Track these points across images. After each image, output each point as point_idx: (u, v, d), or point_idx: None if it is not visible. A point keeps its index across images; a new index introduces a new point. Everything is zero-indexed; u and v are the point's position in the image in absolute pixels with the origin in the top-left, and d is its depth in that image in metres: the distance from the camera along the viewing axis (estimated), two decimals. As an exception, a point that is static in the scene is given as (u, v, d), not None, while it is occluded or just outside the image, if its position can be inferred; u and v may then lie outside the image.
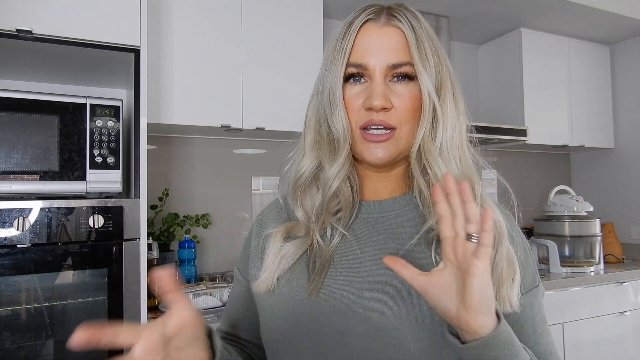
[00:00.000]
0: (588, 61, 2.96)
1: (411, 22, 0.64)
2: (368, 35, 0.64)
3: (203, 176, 2.22)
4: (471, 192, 0.51)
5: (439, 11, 2.52)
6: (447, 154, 0.64)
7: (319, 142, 0.68)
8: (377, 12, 0.65)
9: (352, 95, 0.64)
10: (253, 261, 0.72)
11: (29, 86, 1.76)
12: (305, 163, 0.69)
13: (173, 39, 1.86)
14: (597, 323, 2.30)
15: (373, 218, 0.68)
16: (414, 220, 0.66)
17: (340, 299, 0.62)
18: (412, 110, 0.63)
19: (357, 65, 0.64)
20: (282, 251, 0.66)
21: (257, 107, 1.99)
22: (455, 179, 0.55)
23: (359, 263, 0.64)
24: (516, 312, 0.61)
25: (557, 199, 2.59)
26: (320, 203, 0.67)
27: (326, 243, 0.66)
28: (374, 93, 0.62)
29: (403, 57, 0.63)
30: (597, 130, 2.96)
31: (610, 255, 2.68)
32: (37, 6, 1.39)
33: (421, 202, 0.66)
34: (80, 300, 1.37)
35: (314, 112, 0.69)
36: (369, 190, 0.71)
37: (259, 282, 0.66)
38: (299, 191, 0.69)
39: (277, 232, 0.68)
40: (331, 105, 0.65)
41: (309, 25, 2.12)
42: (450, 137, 0.64)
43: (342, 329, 0.61)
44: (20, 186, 1.36)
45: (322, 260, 0.64)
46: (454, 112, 0.65)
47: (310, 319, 0.63)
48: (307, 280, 0.64)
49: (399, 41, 0.63)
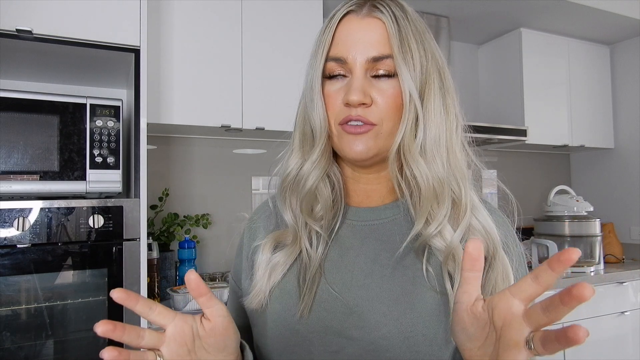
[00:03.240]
0: (588, 61, 2.96)
1: (394, 12, 0.60)
2: (348, 28, 0.61)
3: (203, 176, 2.22)
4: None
5: (439, 11, 2.52)
6: (430, 154, 0.60)
7: (304, 141, 0.66)
8: (360, 4, 0.62)
9: (332, 91, 0.61)
10: (245, 273, 0.71)
11: (29, 86, 1.76)
12: (292, 162, 0.66)
13: (173, 39, 1.86)
14: (597, 323, 2.30)
15: (365, 226, 0.65)
16: (406, 228, 0.63)
17: (333, 317, 0.60)
18: (394, 107, 0.60)
19: (336, 59, 0.61)
20: (272, 261, 0.63)
21: (257, 107, 1.99)
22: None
23: (350, 276, 0.62)
24: None
25: (557, 199, 2.59)
26: (297, 202, 0.64)
27: (314, 249, 0.63)
28: (352, 88, 0.59)
29: (384, 50, 0.59)
30: (597, 130, 2.96)
31: (610, 255, 2.68)
32: (37, 6, 1.39)
33: (410, 207, 0.62)
34: (80, 300, 1.37)
35: (301, 110, 0.67)
36: (359, 194, 0.68)
37: (250, 298, 0.64)
38: (287, 192, 0.66)
39: (266, 244, 0.65)
40: (311, 101, 0.62)
41: (309, 26, 2.12)
42: (436, 136, 0.60)
43: (334, 347, 0.59)
44: (20, 186, 1.36)
45: (312, 272, 0.62)
46: (441, 108, 0.61)
47: (302, 338, 0.60)
48: (298, 295, 0.61)
49: (381, 33, 0.60)
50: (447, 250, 0.58)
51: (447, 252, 0.58)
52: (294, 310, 0.61)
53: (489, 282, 0.58)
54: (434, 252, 0.60)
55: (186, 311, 1.59)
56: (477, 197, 0.64)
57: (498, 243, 0.60)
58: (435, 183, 0.59)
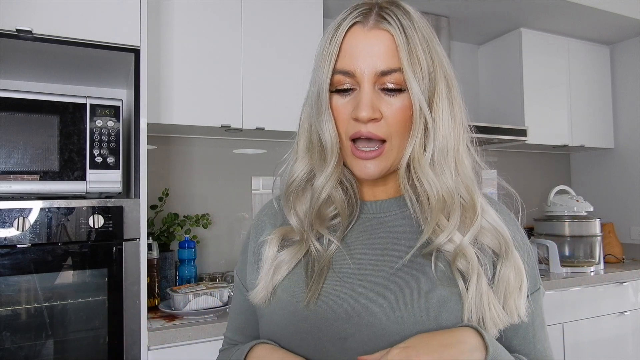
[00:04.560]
0: (588, 61, 2.96)
1: (402, 22, 0.60)
2: (355, 40, 0.60)
3: (203, 176, 2.22)
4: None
5: (439, 11, 2.52)
6: (439, 165, 0.61)
7: (311, 149, 0.66)
8: (366, 14, 0.61)
9: (340, 105, 0.61)
10: (250, 267, 0.71)
11: (29, 86, 1.76)
12: (298, 168, 0.67)
13: (173, 39, 1.86)
14: (597, 323, 2.30)
15: (373, 218, 0.67)
16: (412, 221, 0.65)
17: (341, 304, 0.60)
18: (402, 121, 0.60)
19: (344, 72, 0.60)
20: (278, 259, 0.64)
21: (257, 107, 1.99)
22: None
23: (358, 266, 0.63)
24: (523, 321, 0.61)
25: (557, 199, 2.59)
26: (311, 212, 0.65)
27: (324, 248, 0.64)
28: (361, 103, 0.59)
29: (392, 63, 0.59)
30: (597, 130, 2.96)
31: (610, 255, 2.68)
32: (37, 6, 1.39)
33: (418, 213, 0.63)
34: (80, 300, 1.37)
35: (306, 117, 0.67)
36: (367, 193, 0.69)
37: (255, 293, 0.65)
38: (292, 196, 0.67)
39: (272, 239, 0.66)
40: (319, 114, 0.62)
41: (309, 26, 2.12)
42: (444, 146, 0.61)
43: (343, 334, 0.59)
44: (20, 186, 1.36)
45: (320, 265, 0.63)
46: (449, 118, 0.61)
47: (310, 325, 0.61)
48: (306, 285, 0.62)
49: (388, 45, 0.59)
50: (457, 251, 0.59)
51: (456, 252, 0.59)
52: (302, 298, 0.62)
53: (503, 279, 0.60)
54: (443, 252, 0.61)
55: (186, 311, 1.59)
56: (484, 197, 0.65)
57: (510, 240, 0.61)
58: (445, 194, 0.60)
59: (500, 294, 0.60)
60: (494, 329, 0.58)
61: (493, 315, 0.58)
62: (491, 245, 0.62)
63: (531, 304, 0.63)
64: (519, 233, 0.66)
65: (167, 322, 1.57)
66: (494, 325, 0.58)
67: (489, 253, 0.62)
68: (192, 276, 1.95)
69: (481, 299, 0.58)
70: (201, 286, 1.70)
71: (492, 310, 0.58)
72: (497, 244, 0.61)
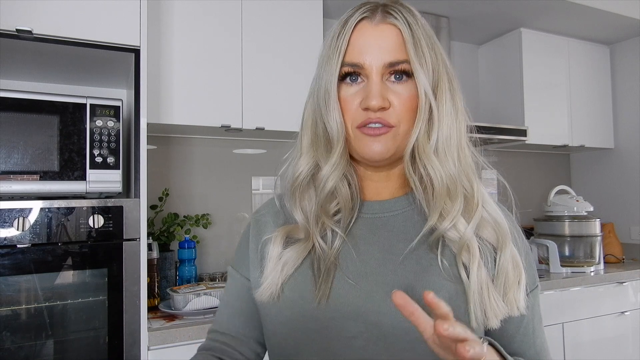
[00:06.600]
0: (588, 61, 2.96)
1: (407, 18, 0.62)
2: (363, 34, 0.63)
3: (203, 176, 2.22)
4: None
5: (439, 11, 2.52)
6: (443, 153, 0.62)
7: (316, 143, 0.67)
8: (372, 10, 0.64)
9: (348, 96, 0.63)
10: (253, 265, 0.71)
11: (29, 86, 1.76)
12: (302, 163, 0.67)
13: (173, 39, 1.86)
14: (597, 323, 2.30)
15: (377, 218, 0.67)
16: (417, 220, 0.65)
17: (350, 304, 0.61)
18: (410, 109, 0.62)
19: (352, 64, 0.62)
20: (283, 258, 0.65)
21: (257, 107, 1.99)
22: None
23: (365, 265, 0.63)
24: (522, 315, 0.62)
25: (557, 199, 2.59)
26: (316, 203, 0.66)
27: (328, 246, 0.64)
28: (371, 93, 0.60)
29: (400, 55, 0.61)
30: (597, 130, 2.96)
31: (610, 255, 2.68)
32: (37, 6, 1.39)
33: (422, 202, 0.64)
34: (80, 300, 1.37)
35: (310, 113, 0.68)
36: (370, 191, 0.70)
37: (261, 291, 0.65)
38: (297, 192, 0.68)
39: (277, 237, 0.66)
40: (326, 105, 0.63)
41: (309, 26, 2.12)
42: (447, 136, 0.63)
43: (352, 333, 0.60)
44: (20, 186, 1.36)
45: (327, 264, 0.63)
46: (452, 109, 0.63)
47: (319, 324, 0.62)
48: (313, 284, 0.63)
49: (395, 39, 0.62)
50: (462, 242, 0.61)
51: (461, 244, 0.61)
52: (311, 297, 0.62)
53: (502, 271, 0.61)
54: (448, 245, 0.62)
55: (186, 311, 1.59)
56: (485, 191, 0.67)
57: (507, 233, 0.63)
58: (448, 181, 0.62)
59: (500, 287, 0.61)
60: (495, 320, 0.60)
61: (493, 307, 0.59)
62: (490, 239, 0.63)
63: (530, 301, 0.64)
64: (516, 231, 0.67)
65: (167, 322, 1.57)
66: (495, 317, 0.60)
67: (489, 247, 0.63)
68: (192, 276, 1.95)
69: (482, 290, 0.59)
70: (201, 286, 1.70)
71: (492, 301, 0.59)
72: (496, 238, 0.63)
